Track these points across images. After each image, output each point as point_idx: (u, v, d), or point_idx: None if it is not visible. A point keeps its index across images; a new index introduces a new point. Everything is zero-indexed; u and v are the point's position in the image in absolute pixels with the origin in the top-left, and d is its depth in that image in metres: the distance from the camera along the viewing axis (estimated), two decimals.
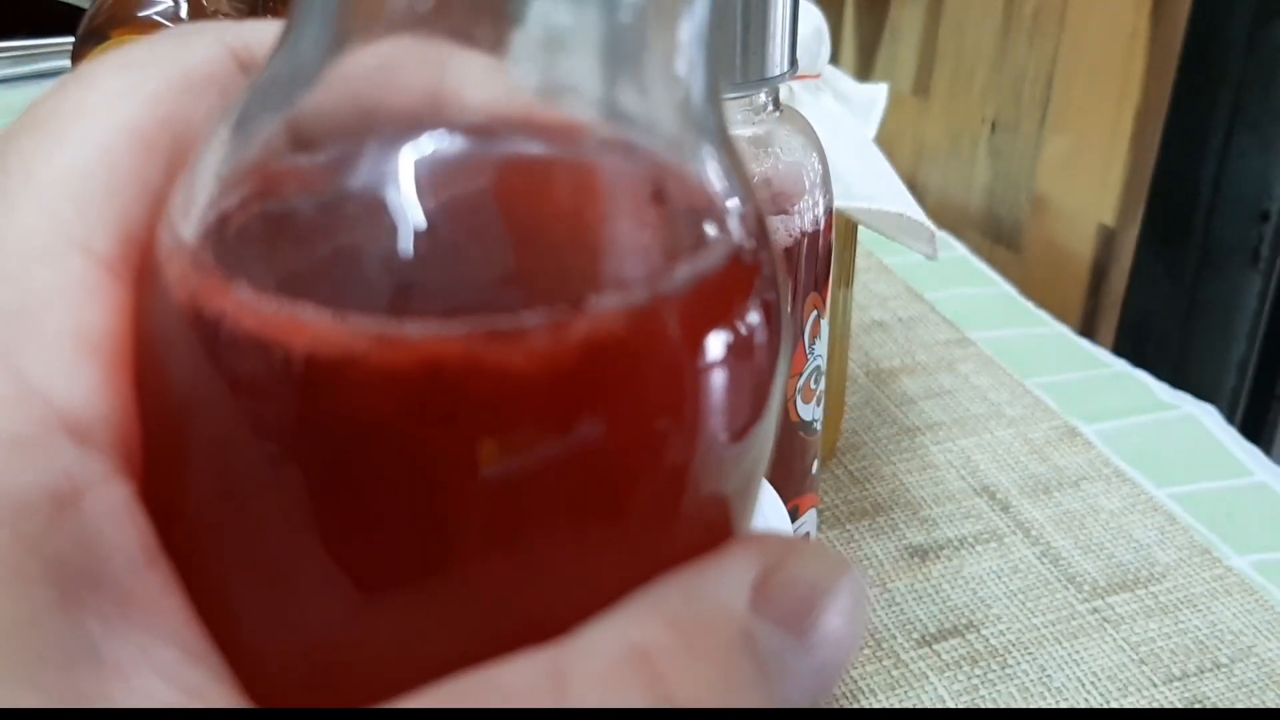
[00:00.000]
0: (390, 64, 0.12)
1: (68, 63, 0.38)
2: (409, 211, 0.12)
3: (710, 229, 0.13)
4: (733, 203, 0.13)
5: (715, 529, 0.13)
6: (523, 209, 0.13)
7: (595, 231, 0.13)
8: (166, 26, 0.37)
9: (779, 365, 0.14)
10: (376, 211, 0.12)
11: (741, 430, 0.13)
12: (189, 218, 0.13)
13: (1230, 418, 0.53)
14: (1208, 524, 0.45)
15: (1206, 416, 0.52)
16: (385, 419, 0.11)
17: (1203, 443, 0.50)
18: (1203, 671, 0.38)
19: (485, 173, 0.13)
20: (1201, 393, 0.54)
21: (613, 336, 0.12)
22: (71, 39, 0.38)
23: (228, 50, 0.15)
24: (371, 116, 0.13)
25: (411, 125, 0.12)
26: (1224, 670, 0.38)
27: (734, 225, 0.13)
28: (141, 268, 0.13)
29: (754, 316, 0.13)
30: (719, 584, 0.12)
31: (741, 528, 0.14)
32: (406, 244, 0.12)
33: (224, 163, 0.13)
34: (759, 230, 0.14)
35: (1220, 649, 0.39)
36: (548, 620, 0.12)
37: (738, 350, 0.13)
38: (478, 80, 0.12)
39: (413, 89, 0.12)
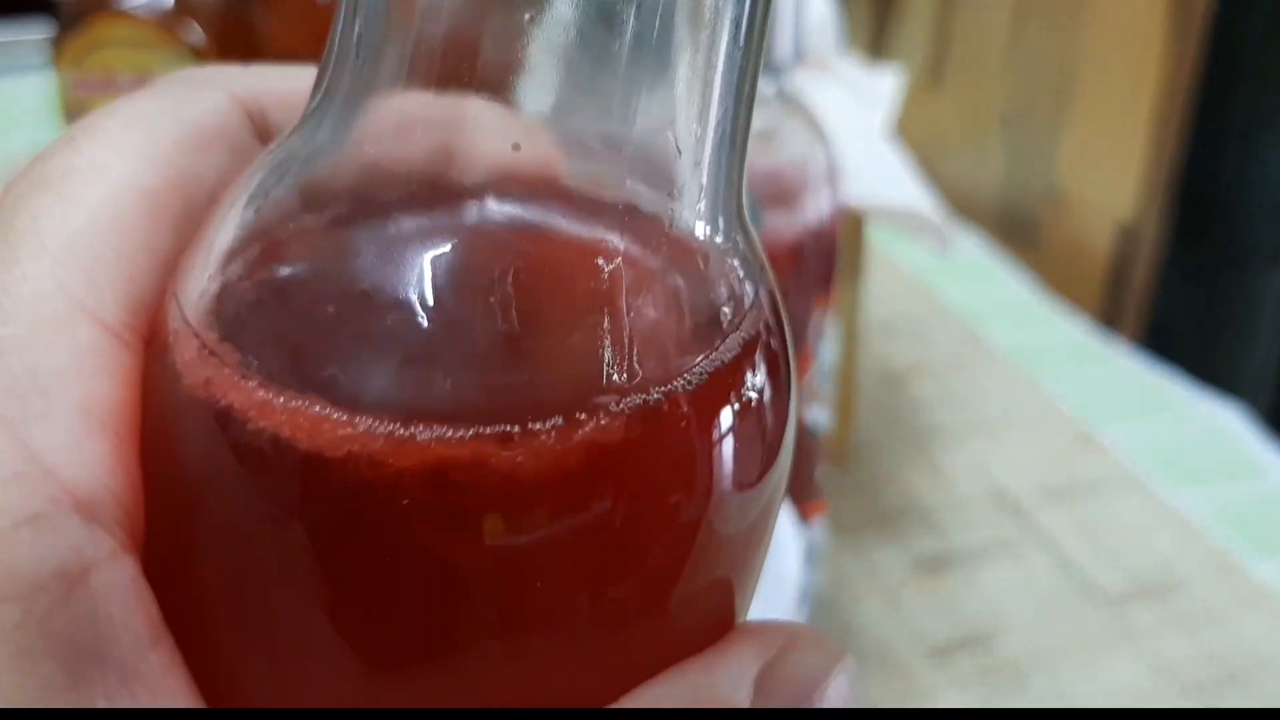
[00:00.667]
0: (406, 128, 0.13)
1: (46, 57, 0.37)
2: (421, 303, 0.12)
3: (717, 300, 0.13)
4: (736, 266, 0.14)
5: (720, 606, 0.14)
6: (533, 295, 0.13)
7: (605, 323, 0.13)
8: (146, 19, 0.36)
9: (785, 439, 0.14)
10: (389, 302, 0.12)
11: (748, 503, 0.13)
12: (200, 296, 0.13)
13: (1253, 416, 0.51)
14: (1227, 530, 0.44)
15: (1226, 419, 0.51)
16: (393, 516, 0.12)
17: (1221, 447, 0.49)
18: (1221, 683, 0.37)
19: (496, 258, 0.13)
20: (1225, 391, 0.53)
21: (619, 439, 0.12)
22: (50, 25, 0.38)
23: (237, 103, 0.15)
24: (387, 190, 0.13)
25: (426, 204, 0.13)
26: (1242, 681, 0.37)
27: (741, 293, 0.13)
28: (149, 339, 0.13)
29: (763, 397, 0.13)
30: (723, 679, 0.13)
31: (749, 588, 0.14)
32: (417, 337, 0.12)
33: (237, 241, 0.13)
34: (771, 303, 0.14)
35: (1239, 659, 0.38)
36: (556, 708, 0.12)
37: (745, 434, 0.13)
38: (496, 143, 0.13)
39: (429, 156, 0.13)
